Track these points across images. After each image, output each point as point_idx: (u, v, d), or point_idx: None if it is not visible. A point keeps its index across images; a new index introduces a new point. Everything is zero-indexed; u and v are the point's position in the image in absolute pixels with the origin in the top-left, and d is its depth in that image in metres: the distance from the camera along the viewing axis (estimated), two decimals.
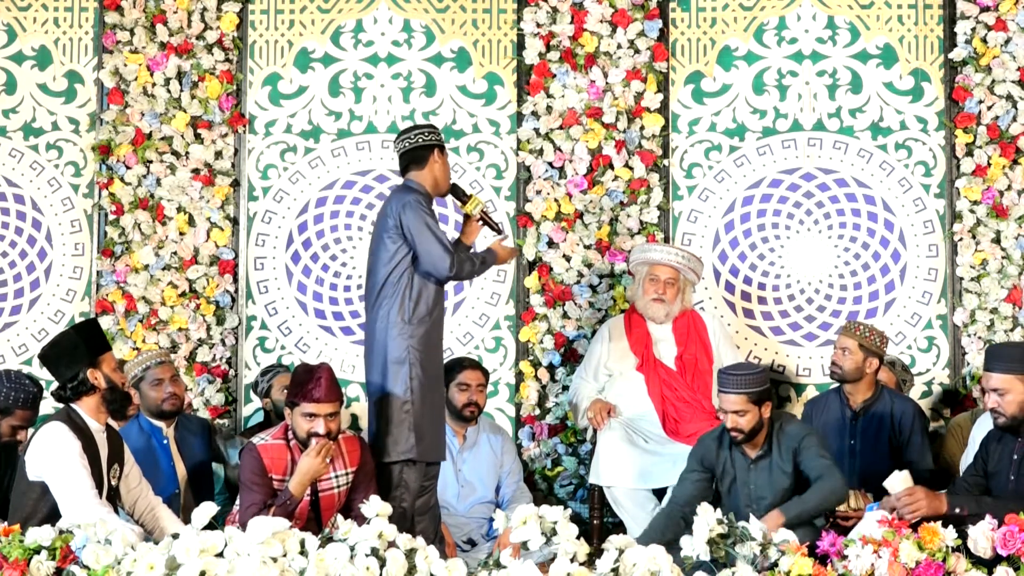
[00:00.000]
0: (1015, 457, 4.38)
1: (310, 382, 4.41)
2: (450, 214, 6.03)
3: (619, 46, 6.11)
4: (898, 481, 4.28)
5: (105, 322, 5.93)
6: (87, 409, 4.23)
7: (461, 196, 4.92)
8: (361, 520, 3.82)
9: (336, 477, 4.52)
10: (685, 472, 4.82)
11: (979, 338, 5.96)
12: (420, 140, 4.80)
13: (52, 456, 4.11)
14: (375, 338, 4.72)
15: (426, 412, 4.68)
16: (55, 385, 4.29)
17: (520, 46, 6.18)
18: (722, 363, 5.50)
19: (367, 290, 4.82)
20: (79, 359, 4.23)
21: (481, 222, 4.91)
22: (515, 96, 6.20)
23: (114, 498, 4.30)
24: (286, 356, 6.12)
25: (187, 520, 3.80)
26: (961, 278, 6.03)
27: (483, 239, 5.04)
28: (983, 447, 4.57)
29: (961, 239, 6.03)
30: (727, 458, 4.75)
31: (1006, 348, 4.58)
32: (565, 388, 5.99)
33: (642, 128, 6.11)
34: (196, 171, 6.10)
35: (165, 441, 5.09)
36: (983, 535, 3.78)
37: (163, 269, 6.04)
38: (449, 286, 5.45)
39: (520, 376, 6.06)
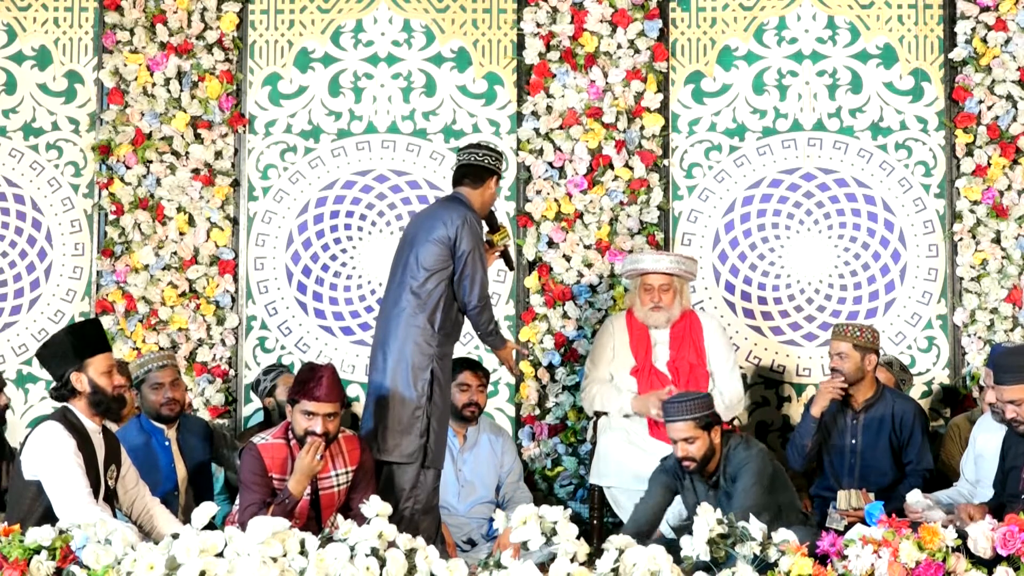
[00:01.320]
0: None
1: (312, 380, 4.42)
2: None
3: (619, 46, 6.11)
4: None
5: (105, 322, 5.93)
6: (81, 409, 4.24)
7: (494, 225, 5.05)
8: (361, 520, 3.82)
9: (336, 476, 4.52)
10: (648, 491, 4.79)
11: (979, 338, 5.96)
12: (487, 162, 4.91)
13: (47, 455, 4.11)
14: (394, 336, 4.74)
15: (438, 420, 4.75)
16: (52, 383, 4.30)
17: (520, 46, 6.18)
18: (714, 366, 5.47)
19: (393, 286, 4.84)
20: (66, 361, 4.23)
21: (499, 254, 5.06)
22: (515, 96, 6.19)
23: (111, 499, 4.30)
24: (286, 356, 6.12)
25: (186, 521, 3.79)
26: (961, 278, 6.03)
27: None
28: (1002, 449, 4.60)
29: (961, 239, 6.03)
30: (689, 482, 4.74)
31: (1012, 358, 4.55)
32: (565, 388, 5.99)
33: (642, 128, 6.11)
34: (196, 171, 6.10)
35: (167, 443, 5.07)
36: (983, 535, 3.78)
37: (163, 269, 6.04)
38: None
39: (520, 376, 6.05)
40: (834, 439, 5.37)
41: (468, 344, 6.09)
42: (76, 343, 4.25)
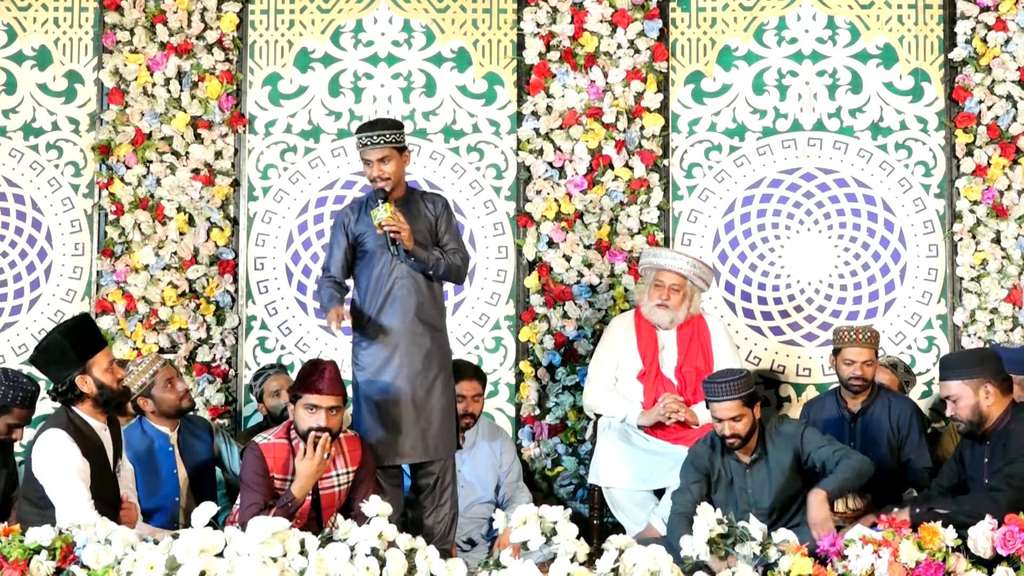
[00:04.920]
0: (985, 460, 4.44)
1: (314, 374, 4.43)
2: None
3: (619, 46, 6.11)
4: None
5: (105, 322, 5.93)
6: (85, 409, 4.22)
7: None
8: (361, 519, 3.82)
9: (336, 476, 4.52)
10: (684, 483, 4.77)
11: (979, 338, 5.97)
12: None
13: (50, 466, 4.10)
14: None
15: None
16: (52, 386, 4.27)
17: (520, 46, 6.18)
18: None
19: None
20: (68, 365, 4.18)
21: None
22: (515, 96, 6.20)
23: (117, 494, 4.31)
24: (286, 356, 6.12)
25: (187, 524, 3.79)
26: (961, 278, 6.04)
27: None
28: (958, 452, 4.65)
29: (961, 239, 6.03)
30: (721, 464, 4.73)
31: (955, 356, 4.72)
32: (565, 388, 5.99)
33: (642, 128, 6.11)
34: (196, 171, 6.10)
35: (170, 448, 5.09)
36: (983, 535, 3.79)
37: (163, 269, 6.04)
38: (448, 285, 5.47)
39: (520, 376, 6.05)
40: None
41: (468, 344, 6.10)
42: (75, 344, 4.19)
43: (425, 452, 4.72)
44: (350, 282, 4.80)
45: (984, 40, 6.05)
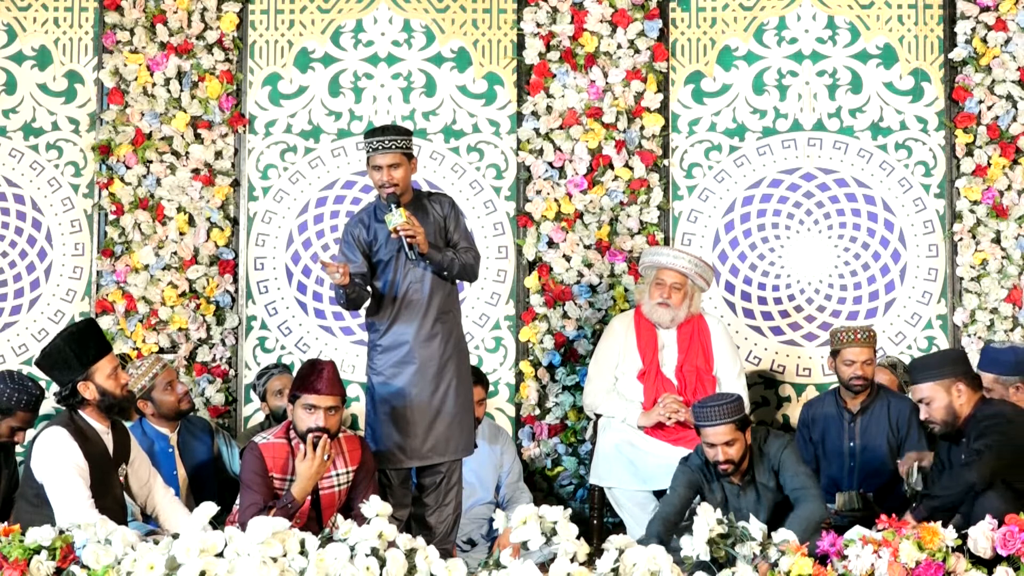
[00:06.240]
0: (963, 456, 4.41)
1: (313, 374, 4.43)
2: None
3: (619, 46, 6.11)
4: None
5: (105, 322, 5.93)
6: (89, 412, 4.22)
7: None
8: (361, 519, 3.82)
9: (336, 476, 4.52)
10: (673, 486, 4.75)
11: (979, 338, 5.96)
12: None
13: (49, 464, 4.10)
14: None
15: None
16: (56, 387, 4.28)
17: (520, 46, 6.18)
18: (720, 372, 5.45)
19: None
20: (71, 371, 4.19)
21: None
22: (515, 96, 6.20)
23: (123, 496, 4.30)
24: (286, 356, 6.12)
25: None
26: (961, 278, 6.04)
27: None
28: (938, 459, 4.60)
29: (961, 239, 6.03)
30: (716, 486, 4.70)
31: (926, 358, 4.63)
32: (565, 388, 5.99)
33: (642, 128, 6.11)
34: (196, 171, 6.10)
35: (170, 450, 5.10)
36: (983, 535, 3.79)
37: (163, 269, 6.04)
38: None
39: (520, 376, 6.05)
40: (832, 442, 5.37)
41: (468, 344, 6.08)
42: (78, 351, 4.20)
43: (442, 453, 4.75)
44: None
45: (984, 40, 6.05)
